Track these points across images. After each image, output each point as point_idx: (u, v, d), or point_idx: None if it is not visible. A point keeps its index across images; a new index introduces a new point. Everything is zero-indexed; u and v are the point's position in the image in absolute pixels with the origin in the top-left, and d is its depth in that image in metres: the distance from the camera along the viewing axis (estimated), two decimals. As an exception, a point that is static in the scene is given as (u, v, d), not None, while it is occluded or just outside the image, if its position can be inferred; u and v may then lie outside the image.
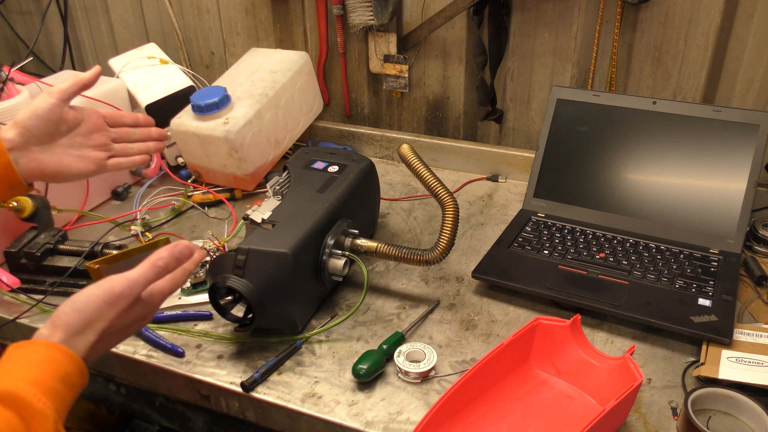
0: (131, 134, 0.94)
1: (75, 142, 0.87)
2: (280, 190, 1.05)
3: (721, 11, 1.15)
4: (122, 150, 0.93)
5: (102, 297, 0.67)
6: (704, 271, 0.99)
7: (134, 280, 0.70)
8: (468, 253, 1.13)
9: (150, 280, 0.72)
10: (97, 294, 0.67)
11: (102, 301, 0.67)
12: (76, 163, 0.87)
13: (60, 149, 0.86)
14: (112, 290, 0.68)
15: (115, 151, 0.92)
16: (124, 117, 0.95)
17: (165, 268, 0.73)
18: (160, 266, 0.72)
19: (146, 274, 0.71)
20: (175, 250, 0.74)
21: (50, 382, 0.61)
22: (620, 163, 1.13)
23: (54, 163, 0.85)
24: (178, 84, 1.38)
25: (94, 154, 0.89)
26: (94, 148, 0.89)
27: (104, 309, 0.67)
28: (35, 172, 0.83)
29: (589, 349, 0.84)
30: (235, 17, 1.58)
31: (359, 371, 0.84)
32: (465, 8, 1.30)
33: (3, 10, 1.86)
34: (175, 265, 0.75)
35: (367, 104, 1.54)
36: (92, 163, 0.89)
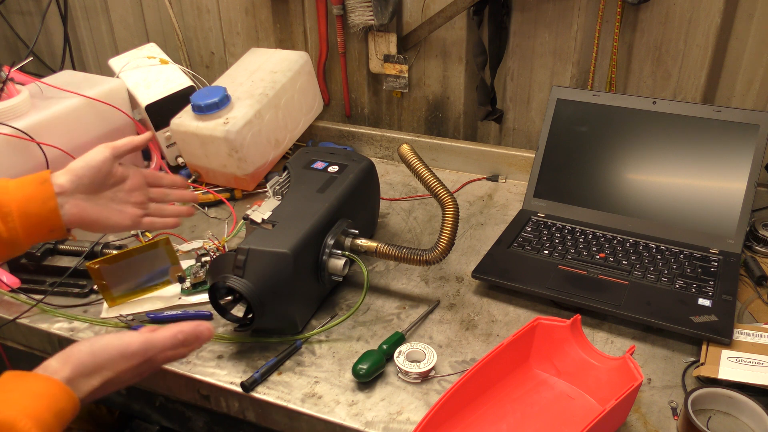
0: (167, 195, 0.99)
1: (117, 196, 0.91)
2: (280, 190, 1.05)
3: (721, 11, 1.15)
4: (157, 210, 0.97)
5: (118, 349, 0.70)
6: (704, 271, 0.99)
7: (152, 343, 0.73)
8: (468, 253, 1.13)
9: (166, 348, 0.75)
10: (114, 345, 0.70)
11: (117, 353, 0.70)
12: (114, 216, 0.90)
13: (103, 201, 0.89)
14: (129, 346, 0.71)
15: (150, 210, 0.96)
16: (163, 178, 0.99)
17: (183, 342, 0.76)
18: (179, 339, 0.75)
19: (165, 341, 0.74)
20: (198, 330, 0.77)
21: (46, 416, 0.63)
22: (620, 163, 1.13)
23: (95, 213, 0.87)
24: (178, 84, 1.38)
25: (132, 211, 0.93)
26: (133, 204, 0.93)
27: (117, 360, 0.70)
28: (76, 218, 0.85)
29: (589, 349, 0.84)
30: (235, 17, 1.58)
31: (359, 371, 0.84)
32: (465, 8, 1.30)
33: (3, 10, 1.86)
34: (194, 343, 0.78)
35: (367, 104, 1.54)
36: (129, 219, 0.92)
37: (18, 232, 0.81)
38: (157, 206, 0.97)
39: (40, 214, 0.82)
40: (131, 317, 0.97)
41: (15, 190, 0.82)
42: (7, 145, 1.10)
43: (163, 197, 0.98)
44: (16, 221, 0.81)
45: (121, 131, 1.29)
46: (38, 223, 0.82)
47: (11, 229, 0.81)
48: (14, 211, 0.81)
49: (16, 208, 0.81)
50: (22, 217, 0.81)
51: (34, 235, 0.84)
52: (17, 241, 0.82)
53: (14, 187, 0.82)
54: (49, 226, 0.84)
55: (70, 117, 1.20)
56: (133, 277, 1.00)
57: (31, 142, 1.12)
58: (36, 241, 0.85)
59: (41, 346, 1.01)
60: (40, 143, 1.12)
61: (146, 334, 0.73)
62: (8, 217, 0.80)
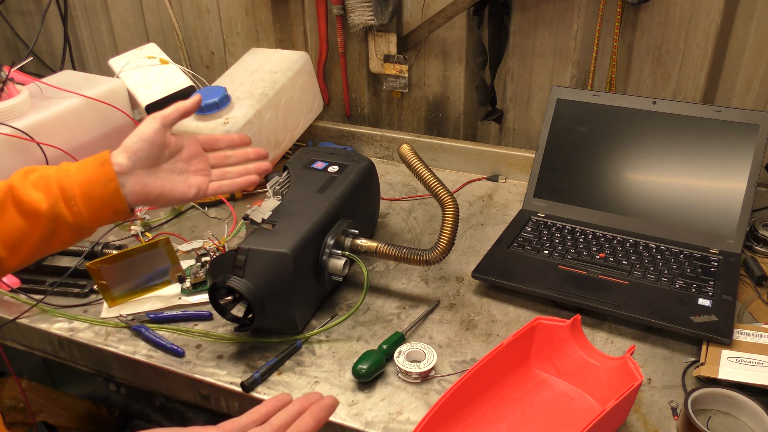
0: (228, 158, 0.94)
1: (177, 167, 0.88)
2: (280, 190, 1.05)
3: (721, 11, 1.15)
4: (221, 175, 0.93)
5: None
6: (704, 271, 0.99)
7: None
8: (468, 253, 1.13)
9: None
10: None
11: None
12: (179, 187, 0.87)
13: (163, 174, 0.86)
14: None
15: (214, 177, 0.92)
16: (219, 141, 0.95)
17: None
18: None
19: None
20: None
21: None
22: (620, 163, 1.13)
23: (158, 186, 0.85)
24: (178, 84, 1.38)
25: (195, 179, 0.89)
26: (194, 173, 0.90)
27: None
28: (140, 196, 0.84)
29: (589, 349, 0.84)
30: (235, 17, 1.58)
31: (359, 371, 0.84)
32: (465, 8, 1.30)
33: (3, 10, 1.86)
34: None
35: (367, 104, 1.54)
36: (194, 188, 0.89)
37: (83, 216, 0.80)
38: (221, 171, 0.93)
39: (102, 196, 0.80)
40: (131, 317, 0.97)
41: (77, 174, 0.80)
42: (7, 145, 1.10)
43: (224, 161, 0.94)
44: (80, 205, 0.79)
45: (121, 131, 1.29)
46: (102, 206, 0.81)
47: (76, 214, 0.79)
48: (77, 195, 0.79)
49: (78, 192, 0.79)
50: (85, 201, 0.79)
51: (99, 218, 0.82)
52: (83, 224, 0.80)
53: (75, 170, 0.80)
54: (113, 208, 0.82)
55: (70, 117, 1.20)
56: (133, 277, 1.00)
57: (31, 142, 1.12)
58: (102, 224, 0.83)
59: (41, 346, 1.01)
60: (40, 143, 1.12)
61: None
62: (71, 201, 0.79)
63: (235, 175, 0.94)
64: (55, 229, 0.80)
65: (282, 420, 0.66)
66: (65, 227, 0.80)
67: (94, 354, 0.96)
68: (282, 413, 0.67)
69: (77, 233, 0.82)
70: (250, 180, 0.93)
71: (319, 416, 0.66)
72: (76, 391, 1.20)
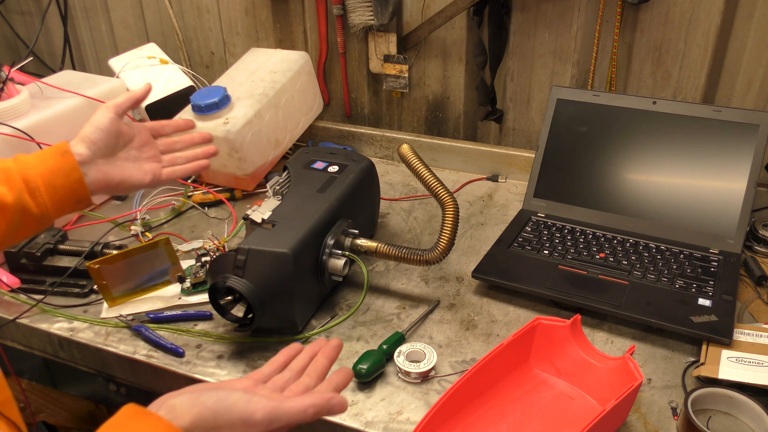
0: (175, 144, 0.97)
1: (131, 155, 0.90)
2: (280, 190, 1.05)
3: (721, 11, 1.15)
4: (171, 161, 0.95)
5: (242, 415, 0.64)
6: (704, 271, 0.99)
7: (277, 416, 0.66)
8: (468, 253, 1.13)
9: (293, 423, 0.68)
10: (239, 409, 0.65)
11: (240, 419, 0.64)
12: (135, 174, 0.89)
13: (120, 162, 0.88)
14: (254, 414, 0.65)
15: (165, 163, 0.94)
16: (165, 127, 0.97)
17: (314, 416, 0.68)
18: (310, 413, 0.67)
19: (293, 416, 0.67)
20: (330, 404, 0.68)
21: None
22: (620, 163, 1.13)
23: (118, 174, 0.87)
24: (178, 84, 1.38)
25: (149, 166, 0.91)
26: (147, 160, 0.92)
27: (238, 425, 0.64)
28: (101, 184, 0.85)
29: (589, 349, 0.84)
30: (235, 17, 1.58)
31: (359, 371, 0.84)
32: (465, 8, 1.30)
33: (3, 10, 1.86)
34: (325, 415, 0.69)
35: (367, 104, 1.54)
36: (149, 173, 0.91)
37: (47, 207, 0.80)
38: (170, 157, 0.95)
39: (66, 186, 0.81)
40: (131, 317, 0.97)
41: (37, 165, 0.81)
42: (7, 145, 1.10)
43: (172, 146, 0.96)
44: (44, 196, 0.80)
45: (121, 131, 1.29)
46: (65, 196, 0.82)
47: (41, 205, 0.80)
48: (41, 186, 0.80)
49: (42, 183, 0.80)
50: (49, 191, 0.80)
51: (63, 208, 0.83)
52: (47, 215, 0.81)
53: (35, 161, 0.81)
54: (76, 197, 0.83)
55: (70, 117, 1.20)
56: (133, 277, 1.00)
57: (31, 142, 1.12)
58: (64, 213, 0.84)
59: (41, 346, 1.01)
60: (40, 143, 1.12)
61: (274, 404, 0.65)
62: (36, 192, 0.79)
63: (184, 160, 0.96)
64: (21, 221, 0.80)
65: (299, 365, 0.72)
66: (30, 219, 0.80)
67: (94, 354, 0.96)
68: (298, 359, 0.72)
69: (41, 224, 0.83)
70: (201, 165, 0.97)
71: (330, 355, 0.73)
72: (76, 391, 1.20)
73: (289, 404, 0.66)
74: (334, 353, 0.73)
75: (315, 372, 0.72)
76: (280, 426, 0.66)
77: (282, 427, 0.66)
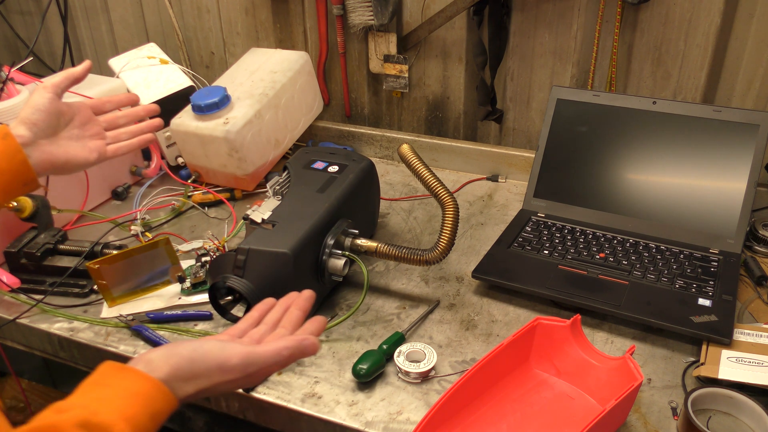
0: (118, 119, 0.96)
1: (73, 134, 0.90)
2: (280, 190, 1.05)
3: (721, 11, 1.15)
4: (115, 137, 0.95)
5: (217, 360, 0.66)
6: (704, 271, 0.99)
7: (253, 359, 0.67)
8: (468, 253, 1.13)
9: (268, 365, 0.69)
10: (214, 355, 0.66)
11: (216, 365, 0.66)
12: (80, 153, 0.89)
13: (63, 141, 0.88)
14: (229, 360, 0.66)
15: (109, 139, 0.94)
16: (105, 104, 0.97)
17: (288, 358, 0.69)
18: (284, 356, 0.69)
19: (267, 358, 0.68)
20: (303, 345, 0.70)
21: (143, 420, 0.59)
22: (620, 163, 1.13)
23: (62, 154, 0.87)
24: (178, 84, 1.38)
25: (93, 143, 0.91)
26: (91, 138, 0.92)
27: (214, 372, 0.66)
28: (47, 165, 0.85)
29: (589, 349, 0.84)
30: (235, 17, 1.58)
31: (359, 371, 0.84)
32: (465, 8, 1.30)
33: (3, 10, 1.86)
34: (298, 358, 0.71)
35: (367, 104, 1.54)
36: (94, 151, 0.91)
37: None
38: (114, 133, 0.95)
39: (11, 169, 0.81)
40: (131, 317, 0.97)
41: None
42: (7, 145, 1.10)
43: (115, 122, 0.96)
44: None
45: (121, 131, 1.29)
46: (12, 179, 0.82)
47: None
48: None
49: None
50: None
51: (11, 191, 0.83)
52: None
53: None
54: (23, 180, 0.83)
55: (70, 117, 1.20)
56: (133, 277, 1.00)
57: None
58: (14, 196, 0.85)
59: (41, 346, 1.01)
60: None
61: (248, 348, 0.67)
62: None
63: (129, 135, 0.97)
64: None
65: (274, 318, 0.75)
66: None
67: (94, 354, 0.96)
68: (272, 313, 0.76)
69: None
70: (145, 139, 0.97)
71: (303, 306, 0.76)
72: (76, 391, 1.20)
73: (264, 347, 0.68)
74: (307, 304, 0.76)
75: (289, 323, 0.74)
76: (256, 369, 0.67)
77: (259, 371, 0.68)
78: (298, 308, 0.76)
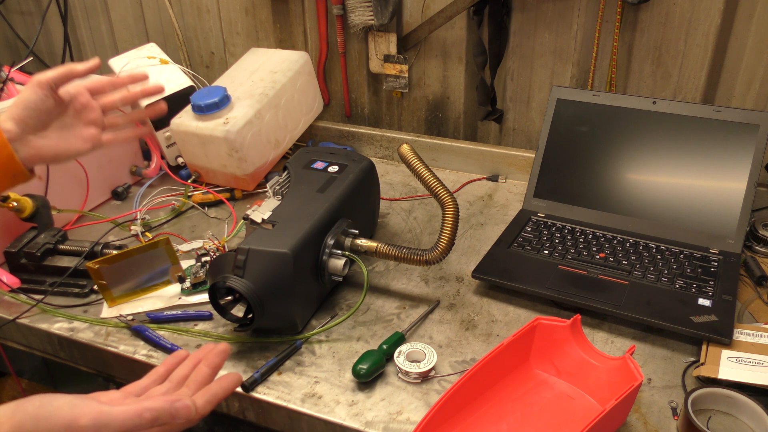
0: (114, 102, 0.91)
1: (66, 123, 0.87)
2: (280, 190, 1.05)
3: (721, 11, 1.15)
4: (112, 122, 0.91)
5: (64, 421, 0.58)
6: (704, 271, 0.99)
7: (104, 419, 0.59)
8: (468, 253, 1.13)
9: (127, 429, 0.60)
10: (62, 415, 0.59)
11: (62, 425, 0.58)
12: (72, 143, 0.86)
13: (54, 133, 0.85)
14: (77, 420, 0.58)
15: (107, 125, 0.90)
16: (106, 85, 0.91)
17: (152, 421, 0.61)
18: (147, 418, 0.61)
19: (125, 420, 0.60)
20: (174, 408, 0.63)
21: None
22: (620, 163, 1.13)
23: (51, 148, 0.85)
24: (178, 84, 1.38)
25: (87, 132, 0.88)
26: (86, 125, 0.88)
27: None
28: (35, 158, 0.84)
29: (589, 349, 0.84)
30: (235, 17, 1.58)
31: (359, 371, 0.84)
32: (465, 8, 1.30)
33: (3, 10, 1.86)
34: (167, 421, 0.63)
35: (367, 104, 1.54)
36: (88, 142, 0.87)
37: None
38: (112, 118, 0.91)
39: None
40: (131, 317, 0.97)
41: None
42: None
43: (111, 104, 0.90)
44: None
45: (121, 131, 1.29)
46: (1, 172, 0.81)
47: None
48: None
49: None
50: None
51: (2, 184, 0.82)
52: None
53: None
54: (12, 172, 0.82)
55: (70, 117, 1.20)
56: (133, 277, 1.00)
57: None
58: (5, 188, 0.83)
59: (41, 346, 1.01)
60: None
61: (102, 408, 0.59)
62: None
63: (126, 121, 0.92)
64: None
65: (180, 375, 0.69)
66: None
67: (94, 354, 0.96)
68: (179, 369, 0.70)
69: None
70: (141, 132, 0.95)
71: (213, 363, 0.70)
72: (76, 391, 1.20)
73: (122, 408, 0.60)
74: (219, 359, 0.70)
75: (194, 382, 0.68)
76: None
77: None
78: (207, 365, 0.69)
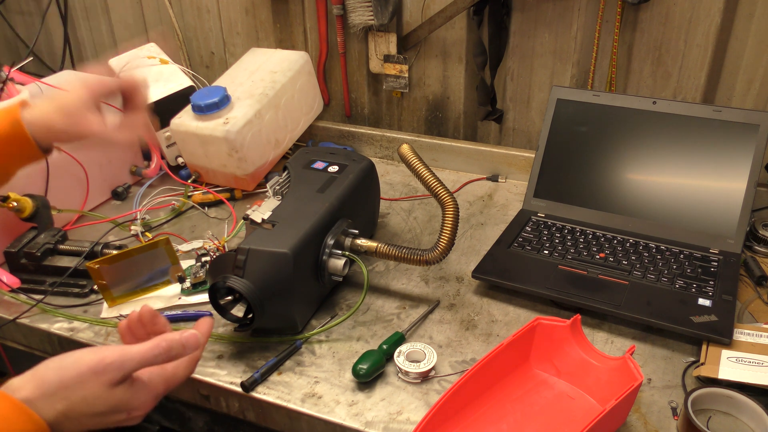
0: None
1: None
2: (280, 190, 1.05)
3: (721, 11, 1.15)
4: None
5: (89, 363, 0.60)
6: (704, 271, 0.99)
7: (128, 354, 0.62)
8: (468, 253, 1.13)
9: (148, 361, 0.63)
10: (87, 359, 0.60)
11: (87, 368, 0.60)
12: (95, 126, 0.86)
13: None
14: (102, 359, 0.60)
15: None
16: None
17: (168, 350, 0.65)
18: (163, 347, 0.64)
19: (144, 352, 0.63)
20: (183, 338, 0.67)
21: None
22: (620, 163, 1.13)
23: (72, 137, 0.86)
24: (178, 84, 1.38)
25: None
26: None
27: (87, 376, 0.59)
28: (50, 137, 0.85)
29: (589, 349, 0.84)
30: (235, 17, 1.58)
31: (359, 371, 0.84)
32: (465, 8, 1.30)
33: (3, 10, 1.86)
34: (180, 351, 0.67)
35: (367, 104, 1.54)
36: None
37: None
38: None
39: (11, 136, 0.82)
40: (131, 317, 0.97)
41: None
42: (7, 145, 1.10)
43: None
44: None
45: (121, 131, 1.29)
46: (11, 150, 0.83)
47: None
48: None
49: None
50: None
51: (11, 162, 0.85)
52: None
53: None
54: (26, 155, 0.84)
55: (70, 117, 1.20)
56: (133, 277, 1.00)
57: (31, 142, 1.12)
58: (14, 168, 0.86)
59: (41, 346, 1.01)
60: (40, 143, 1.12)
61: (124, 346, 0.63)
62: None
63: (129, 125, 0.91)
64: None
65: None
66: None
67: (94, 354, 0.95)
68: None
69: None
70: None
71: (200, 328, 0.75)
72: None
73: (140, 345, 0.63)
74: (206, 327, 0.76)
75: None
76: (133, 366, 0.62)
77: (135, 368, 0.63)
78: None
